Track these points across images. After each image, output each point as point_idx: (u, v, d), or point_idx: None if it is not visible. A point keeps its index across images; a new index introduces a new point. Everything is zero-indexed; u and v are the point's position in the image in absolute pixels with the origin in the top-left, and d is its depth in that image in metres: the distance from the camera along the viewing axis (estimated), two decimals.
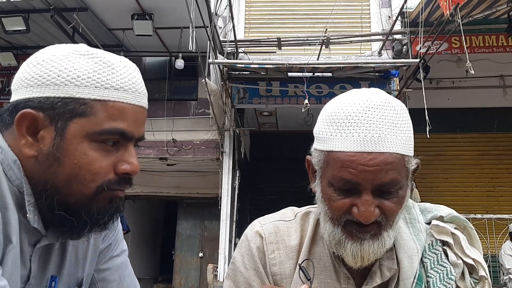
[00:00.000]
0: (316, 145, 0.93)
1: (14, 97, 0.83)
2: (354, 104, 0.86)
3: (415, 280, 0.91)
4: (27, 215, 0.80)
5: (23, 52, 7.77)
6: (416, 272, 0.92)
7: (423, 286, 0.92)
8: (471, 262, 0.93)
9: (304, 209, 1.08)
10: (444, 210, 1.01)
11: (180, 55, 7.47)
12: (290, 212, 1.08)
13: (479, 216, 7.22)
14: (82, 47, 0.84)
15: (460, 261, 0.93)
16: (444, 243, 0.96)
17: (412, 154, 0.88)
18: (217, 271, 7.19)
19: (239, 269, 1.01)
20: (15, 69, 0.86)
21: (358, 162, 0.83)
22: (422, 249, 0.95)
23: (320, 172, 0.91)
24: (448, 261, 0.94)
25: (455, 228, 0.98)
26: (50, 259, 0.89)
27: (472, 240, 0.98)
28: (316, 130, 0.92)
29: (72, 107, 0.79)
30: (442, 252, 0.95)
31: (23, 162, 0.82)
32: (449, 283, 0.91)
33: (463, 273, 0.93)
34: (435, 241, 0.97)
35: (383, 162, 0.82)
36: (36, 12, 6.52)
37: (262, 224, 1.04)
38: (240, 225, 8.11)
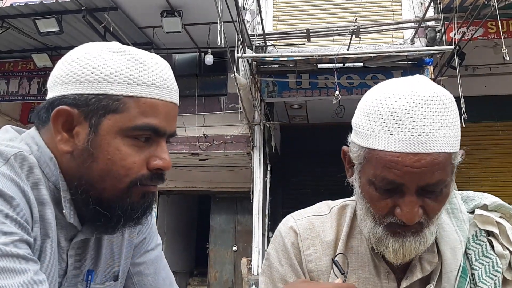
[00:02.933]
0: (355, 139, 0.87)
1: (50, 95, 0.86)
2: (400, 98, 0.80)
3: (459, 273, 0.88)
4: (64, 211, 0.82)
5: (57, 53, 7.98)
6: (460, 265, 0.88)
7: (468, 279, 0.88)
8: None
9: (339, 202, 1.05)
10: (488, 198, 0.96)
11: (209, 50, 7.50)
12: (324, 206, 1.05)
13: None
14: (115, 44, 0.86)
15: (507, 252, 0.89)
16: (489, 233, 0.92)
17: (458, 149, 0.83)
18: (251, 265, 7.23)
19: (274, 265, 1.00)
20: (50, 69, 0.88)
21: (403, 164, 0.78)
22: (466, 240, 0.91)
23: (359, 167, 0.87)
24: (494, 252, 0.90)
25: (500, 217, 0.93)
26: (86, 254, 0.91)
27: None
28: (356, 123, 0.87)
29: (105, 103, 0.81)
30: (487, 243, 0.91)
31: (58, 159, 0.84)
32: (495, 276, 0.87)
33: (510, 264, 0.89)
34: (479, 232, 0.92)
35: (430, 163, 0.78)
36: (69, 13, 6.68)
37: (296, 220, 1.02)
38: (272, 219, 8.12)
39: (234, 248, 9.96)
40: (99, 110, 0.81)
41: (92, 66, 0.81)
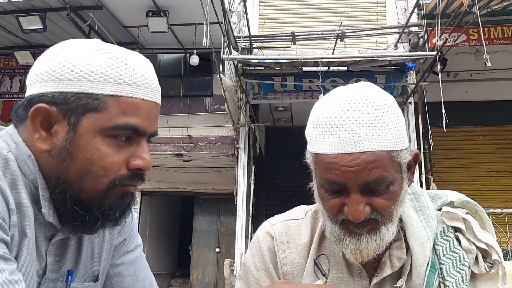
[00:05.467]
0: (308, 147, 0.93)
1: (28, 92, 0.84)
2: (334, 106, 0.86)
3: (428, 268, 0.91)
4: (42, 209, 0.81)
5: (40, 51, 7.86)
6: (429, 260, 0.92)
7: (437, 273, 0.91)
8: (484, 246, 0.93)
9: (313, 206, 1.08)
10: (454, 195, 1.00)
11: (195, 51, 7.48)
12: (300, 211, 1.09)
13: (498, 210, 7.09)
14: (96, 42, 0.84)
15: (473, 247, 0.93)
16: (456, 229, 0.96)
17: (404, 147, 0.87)
18: (234, 266, 7.22)
19: (250, 269, 1.03)
20: None
21: (340, 164, 0.83)
22: (434, 236, 0.94)
23: (314, 173, 0.92)
24: (461, 247, 0.93)
25: (466, 213, 0.97)
26: (66, 254, 0.90)
27: (484, 224, 0.97)
28: (306, 132, 0.93)
29: (85, 102, 0.79)
30: (454, 239, 0.95)
31: (37, 157, 0.82)
32: (462, 269, 0.91)
33: (477, 258, 0.93)
34: (446, 228, 0.96)
35: (364, 162, 0.82)
36: (53, 11, 6.60)
37: (272, 224, 1.06)
38: (256, 220, 8.12)
39: (217, 249, 9.92)
40: (79, 108, 0.79)
41: (72, 64, 0.80)
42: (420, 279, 0.91)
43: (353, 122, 0.83)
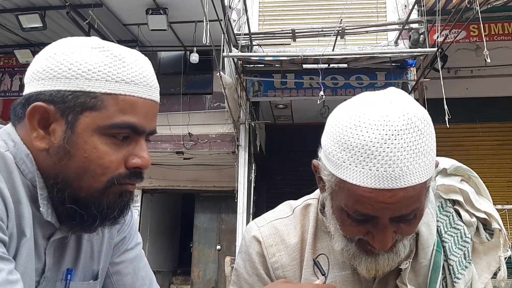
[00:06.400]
0: (326, 163, 0.82)
1: (26, 90, 0.84)
2: (371, 128, 0.73)
3: (435, 248, 0.87)
4: (40, 208, 0.81)
5: (40, 49, 7.76)
6: (435, 239, 0.88)
7: (442, 252, 0.88)
8: (483, 216, 0.90)
9: (301, 201, 1.03)
10: (446, 162, 0.95)
11: (195, 49, 7.47)
12: (287, 208, 1.04)
13: (499, 207, 7.08)
14: (94, 40, 0.84)
15: (474, 219, 0.90)
16: (455, 202, 0.92)
17: (434, 170, 0.80)
18: (235, 264, 7.23)
19: (242, 275, 1.00)
20: None
21: (376, 200, 0.74)
22: (435, 212, 0.90)
23: (330, 190, 0.83)
24: (462, 221, 0.90)
25: (461, 180, 0.93)
26: (66, 253, 0.89)
27: (479, 190, 0.93)
28: (326, 148, 0.81)
29: (82, 100, 0.79)
30: (454, 213, 0.91)
31: (35, 156, 0.82)
32: (464, 246, 0.88)
33: (477, 228, 0.90)
34: (444, 202, 0.92)
35: (404, 198, 0.74)
36: (52, 9, 6.60)
37: (259, 227, 1.01)
38: (256, 217, 8.13)
39: (218, 247, 9.94)
40: (76, 107, 0.79)
41: (70, 62, 0.79)
42: (427, 260, 0.87)
43: (395, 154, 0.72)
